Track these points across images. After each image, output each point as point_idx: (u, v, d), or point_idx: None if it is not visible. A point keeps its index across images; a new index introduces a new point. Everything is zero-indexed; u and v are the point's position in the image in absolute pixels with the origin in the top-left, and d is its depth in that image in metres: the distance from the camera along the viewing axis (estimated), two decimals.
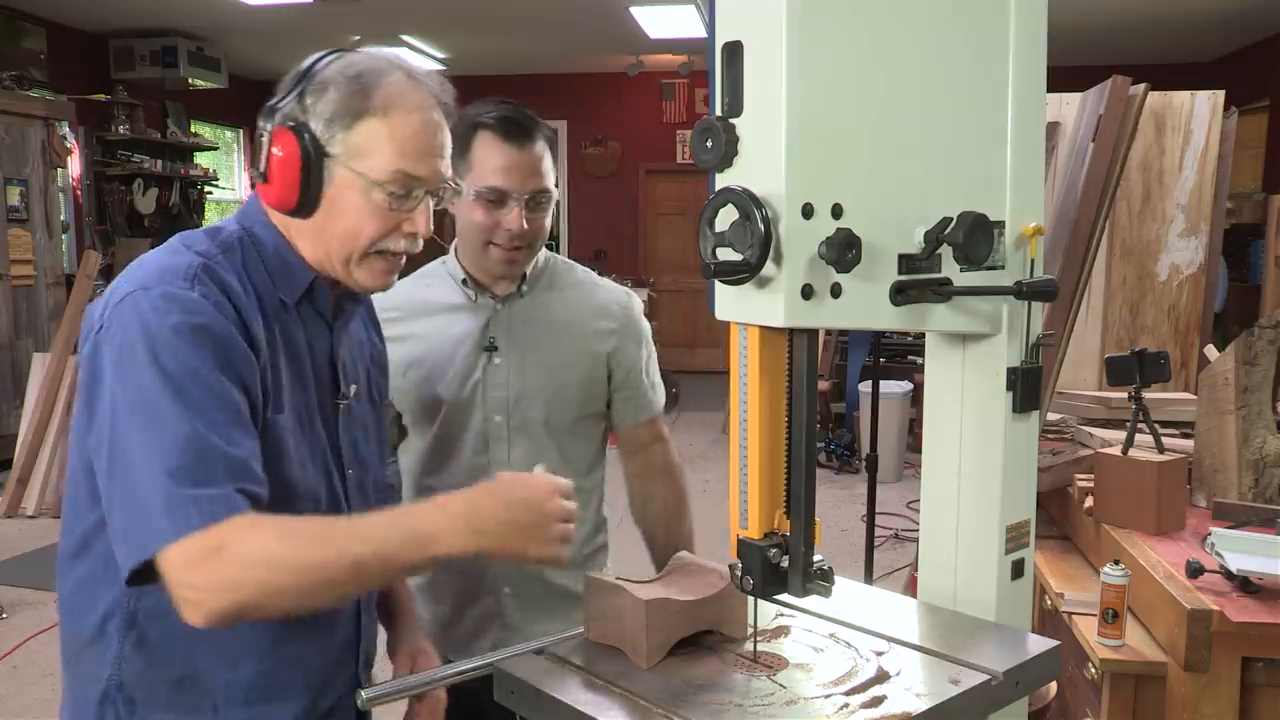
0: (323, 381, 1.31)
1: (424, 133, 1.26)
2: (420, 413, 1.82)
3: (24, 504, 5.84)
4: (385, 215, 1.24)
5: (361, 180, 1.23)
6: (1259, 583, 1.78)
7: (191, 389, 1.11)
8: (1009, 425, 1.26)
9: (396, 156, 1.23)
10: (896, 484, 6.40)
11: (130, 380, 1.12)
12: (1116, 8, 7.60)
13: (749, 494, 1.12)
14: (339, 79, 1.23)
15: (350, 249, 1.26)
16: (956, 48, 1.17)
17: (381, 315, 1.83)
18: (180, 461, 1.09)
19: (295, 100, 1.23)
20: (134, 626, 1.21)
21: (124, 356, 1.13)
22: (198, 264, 1.19)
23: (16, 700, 3.63)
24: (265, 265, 1.26)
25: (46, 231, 7.04)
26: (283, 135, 1.22)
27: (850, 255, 1.03)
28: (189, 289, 1.16)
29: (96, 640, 1.23)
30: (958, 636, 1.22)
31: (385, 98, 1.23)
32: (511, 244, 1.72)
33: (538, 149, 1.71)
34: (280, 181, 1.23)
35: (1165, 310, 3.08)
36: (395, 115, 1.23)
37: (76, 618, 1.25)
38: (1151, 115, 2.98)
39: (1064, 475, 2.45)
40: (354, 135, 1.22)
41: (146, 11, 8.09)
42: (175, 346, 1.12)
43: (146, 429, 1.10)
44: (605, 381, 1.84)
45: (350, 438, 1.35)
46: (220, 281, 1.19)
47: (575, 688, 1.13)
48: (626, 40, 9.07)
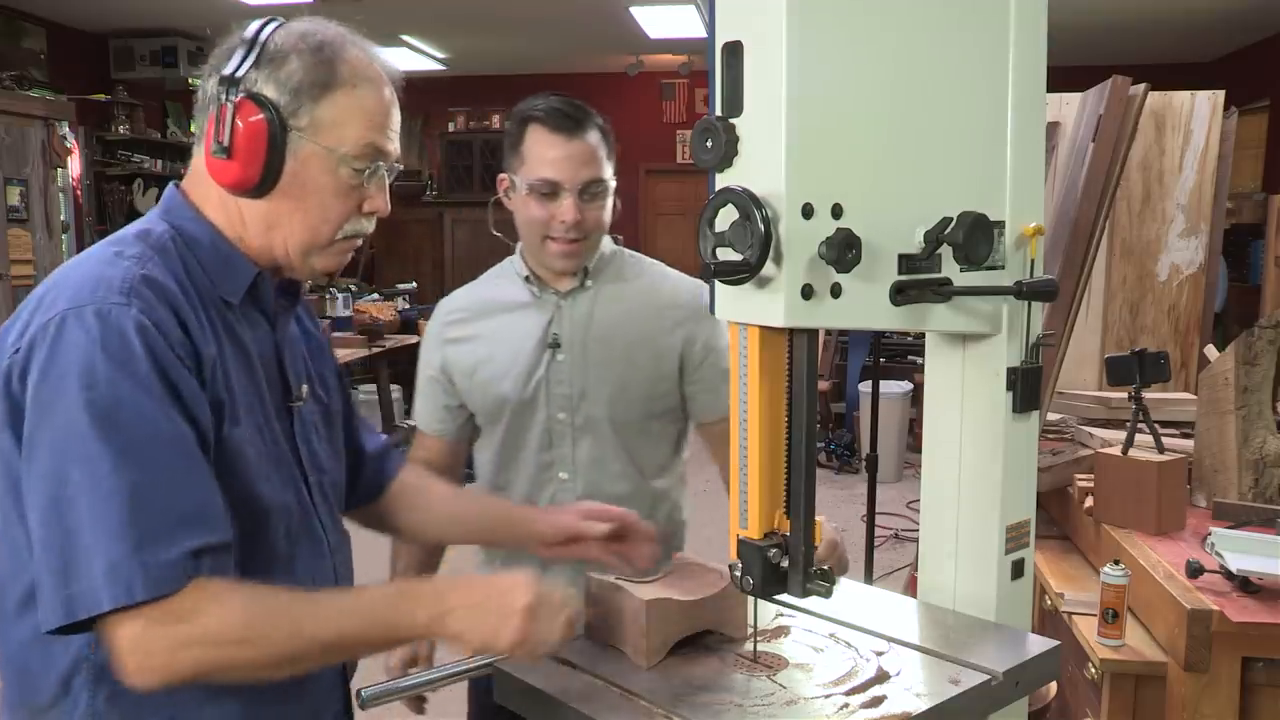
0: (272, 385, 1.23)
1: (385, 106, 1.20)
2: (490, 412, 1.82)
3: None
4: (350, 193, 1.18)
5: (329, 155, 1.16)
6: (1259, 583, 1.78)
7: (132, 431, 1.02)
8: (1009, 425, 1.26)
9: (366, 129, 1.17)
10: (896, 484, 6.41)
11: (63, 419, 1.02)
12: (1116, 8, 7.60)
13: (749, 494, 1.12)
14: (300, 48, 1.16)
15: (316, 236, 1.19)
16: (956, 48, 1.17)
17: (449, 317, 1.86)
18: (122, 517, 1.00)
19: (252, 69, 1.14)
20: (103, 680, 1.09)
21: (56, 389, 1.03)
22: (134, 274, 1.08)
23: None
24: (202, 264, 1.17)
25: (46, 231, 7.03)
26: (247, 107, 1.12)
27: (850, 255, 1.03)
28: (125, 304, 1.05)
29: (59, 701, 1.11)
30: (958, 636, 1.22)
31: (351, 69, 1.17)
32: (567, 235, 1.71)
33: (589, 139, 1.71)
34: (244, 157, 1.13)
35: (1165, 310, 3.08)
36: (363, 87, 1.17)
37: (29, 680, 1.13)
38: (1151, 115, 2.98)
39: (1064, 475, 2.45)
40: (322, 108, 1.15)
41: (146, 11, 8.08)
42: (112, 379, 1.02)
43: (84, 477, 1.01)
44: (676, 376, 1.81)
45: (306, 442, 1.28)
46: (159, 289, 1.09)
47: (575, 688, 1.13)
48: (626, 40, 9.07)
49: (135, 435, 1.02)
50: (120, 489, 1.00)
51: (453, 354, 1.83)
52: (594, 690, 1.13)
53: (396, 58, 5.29)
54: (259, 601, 1.07)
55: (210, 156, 1.15)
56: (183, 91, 9.55)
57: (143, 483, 1.01)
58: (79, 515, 1.00)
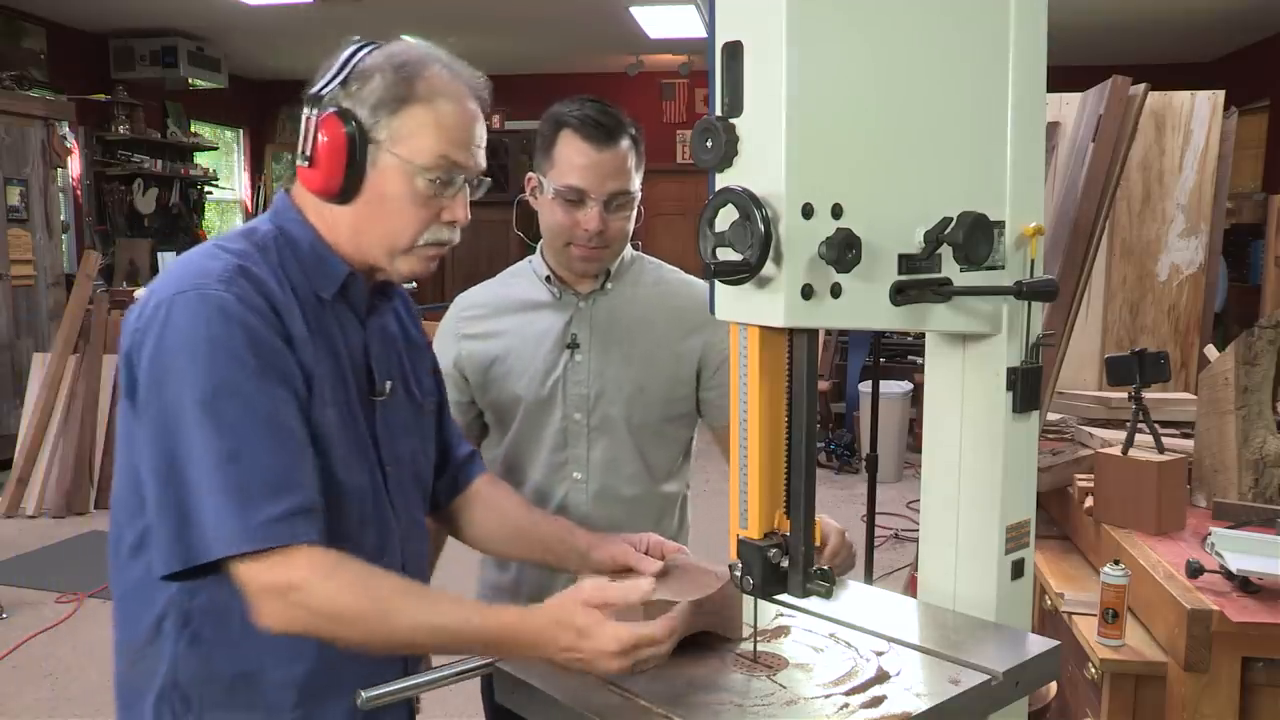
0: (359, 378, 1.32)
1: (465, 121, 1.27)
2: (503, 410, 1.82)
3: (24, 504, 5.84)
4: (427, 202, 1.26)
5: (406, 166, 1.24)
6: (1259, 583, 1.78)
7: (230, 402, 1.14)
8: (1009, 425, 1.26)
9: (441, 142, 1.24)
10: (896, 484, 6.41)
11: (173, 391, 1.14)
12: (1116, 8, 7.60)
13: (749, 494, 1.12)
14: (384, 67, 1.24)
15: (396, 241, 1.27)
16: (957, 48, 1.17)
17: (465, 313, 1.86)
18: (226, 479, 1.12)
19: (339, 87, 1.24)
20: (188, 624, 1.23)
21: (167, 364, 1.15)
22: (233, 265, 1.20)
23: (16, 700, 3.63)
24: (300, 262, 1.27)
25: (46, 231, 7.03)
26: (329, 120, 1.23)
27: (850, 255, 1.03)
28: (223, 291, 1.17)
29: (153, 640, 1.24)
30: (958, 636, 1.22)
31: (429, 85, 1.25)
32: (590, 244, 1.72)
33: (620, 149, 1.70)
34: (326, 167, 1.23)
35: (1165, 310, 3.08)
36: (439, 102, 1.25)
37: (132, 621, 1.27)
38: (1151, 115, 2.98)
39: (1064, 475, 2.45)
40: (399, 121, 1.24)
41: (146, 11, 8.08)
42: (212, 354, 1.14)
43: (193, 443, 1.13)
44: (693, 381, 1.82)
45: (388, 434, 1.35)
46: (255, 280, 1.20)
47: (575, 688, 1.13)
48: (626, 40, 9.07)
49: (233, 406, 1.14)
50: (219, 456, 1.13)
51: (469, 350, 1.83)
52: (594, 690, 1.13)
53: None
54: (366, 588, 1.16)
55: (299, 167, 1.27)
56: (183, 91, 9.56)
57: (241, 450, 1.13)
58: (189, 477, 1.13)
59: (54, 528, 5.60)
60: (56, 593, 4.55)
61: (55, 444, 5.93)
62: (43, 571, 4.89)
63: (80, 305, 6.17)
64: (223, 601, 1.20)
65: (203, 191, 10.19)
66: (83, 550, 5.20)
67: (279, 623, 1.14)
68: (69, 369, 6.07)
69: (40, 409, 6.00)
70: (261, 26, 8.46)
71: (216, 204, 10.75)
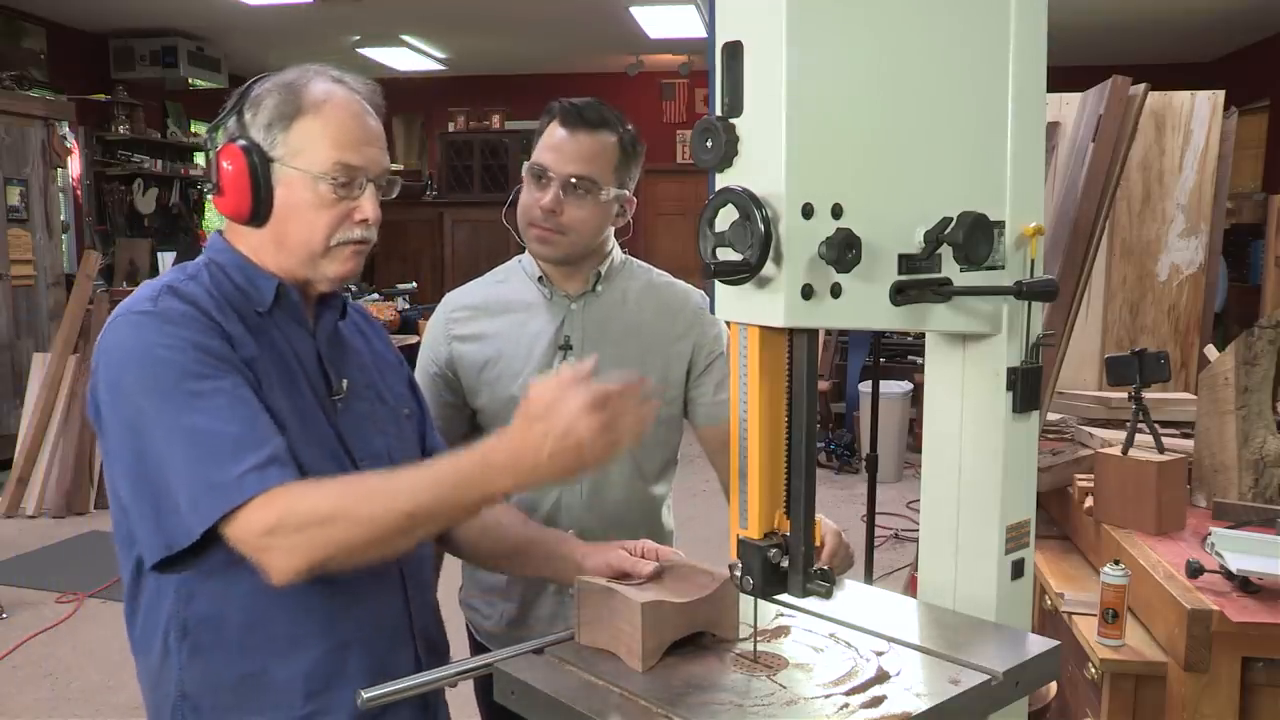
0: (314, 382, 1.36)
1: (354, 125, 1.33)
2: (495, 411, 1.82)
3: (24, 504, 5.85)
4: (333, 205, 1.31)
5: (305, 176, 1.30)
6: (1259, 583, 1.78)
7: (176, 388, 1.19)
8: (1009, 425, 1.26)
9: (333, 147, 1.30)
10: (896, 484, 6.41)
11: (123, 399, 1.21)
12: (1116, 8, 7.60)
13: (749, 494, 1.12)
14: (271, 89, 1.33)
15: (311, 246, 1.32)
16: (957, 48, 1.17)
17: (454, 314, 1.86)
18: (188, 456, 1.17)
19: (235, 118, 1.33)
20: (187, 635, 1.26)
21: (116, 377, 1.23)
22: (160, 286, 1.29)
23: (16, 700, 3.63)
24: (233, 283, 1.34)
25: (46, 231, 7.04)
26: (228, 150, 1.30)
27: (850, 255, 1.03)
28: (152, 306, 1.25)
29: (163, 659, 1.28)
30: (958, 636, 1.22)
31: (313, 97, 1.31)
32: (545, 223, 1.73)
33: (596, 138, 1.73)
34: (233, 193, 1.30)
35: (1165, 310, 3.08)
36: (325, 111, 1.31)
37: (147, 648, 1.31)
38: (1151, 115, 2.98)
39: (1064, 475, 2.45)
40: (291, 136, 1.30)
41: (146, 11, 8.09)
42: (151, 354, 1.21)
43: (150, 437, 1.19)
44: (682, 383, 1.84)
45: (355, 430, 1.38)
46: (184, 295, 1.27)
47: (575, 688, 1.13)
48: (626, 40, 9.07)
49: (182, 390, 1.19)
50: (180, 435, 1.18)
51: (460, 351, 1.83)
52: (594, 690, 1.13)
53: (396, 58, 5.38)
54: (342, 485, 1.20)
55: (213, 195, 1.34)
56: (183, 91, 9.56)
57: (196, 425, 1.18)
58: (156, 468, 1.19)
59: (54, 528, 5.60)
60: (56, 593, 4.55)
61: (55, 444, 5.93)
62: (43, 571, 4.89)
63: (80, 305, 6.17)
64: (217, 608, 1.25)
65: (203, 191, 10.17)
66: (83, 550, 5.20)
67: (288, 562, 1.15)
68: (69, 369, 6.07)
69: (40, 409, 6.00)
70: (261, 26, 8.46)
71: None
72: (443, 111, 10.79)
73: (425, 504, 1.17)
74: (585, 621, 1.24)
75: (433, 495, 1.17)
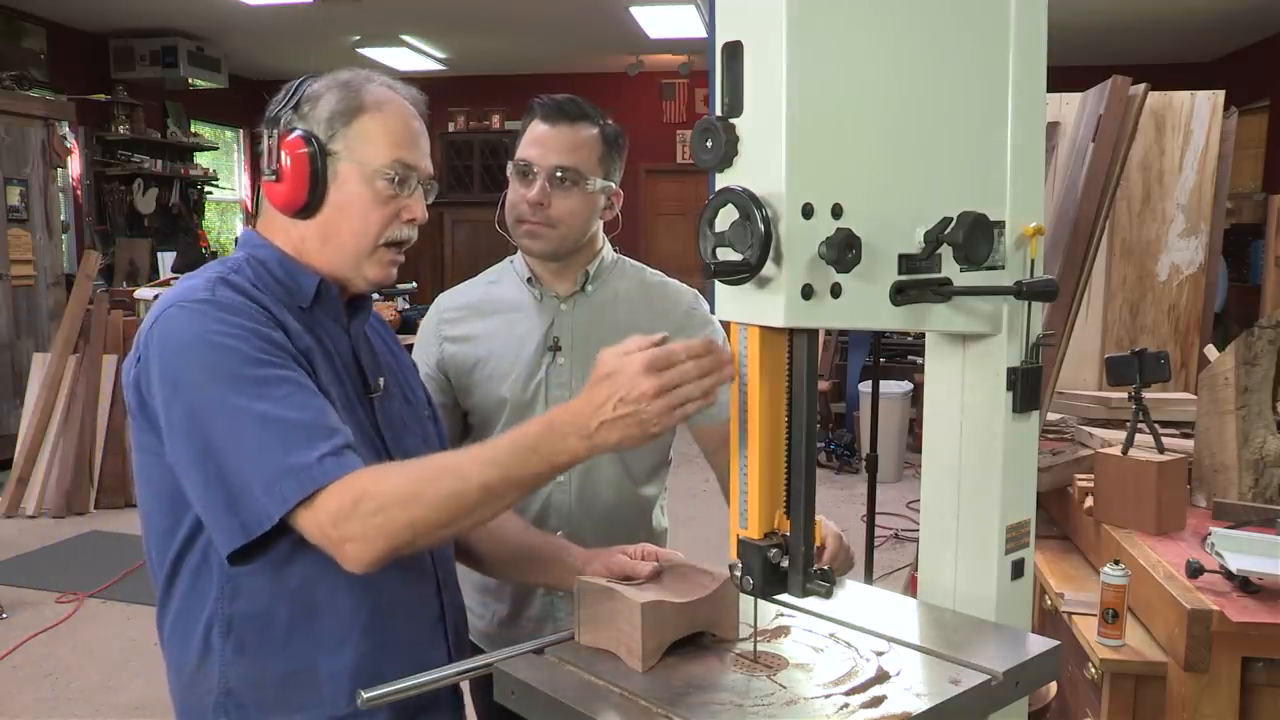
0: (352, 378, 1.37)
1: (410, 126, 1.36)
2: (486, 412, 1.83)
3: (24, 504, 5.85)
4: (387, 202, 1.33)
5: (363, 170, 1.32)
6: (1259, 583, 1.78)
7: (244, 375, 1.19)
8: (1009, 425, 1.26)
9: (393, 146, 1.33)
10: (896, 484, 6.41)
11: (188, 388, 1.20)
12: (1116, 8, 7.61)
13: (749, 494, 1.12)
14: (331, 86, 1.34)
15: (361, 242, 1.34)
16: (957, 48, 1.17)
17: (446, 315, 1.87)
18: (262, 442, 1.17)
19: (292, 111, 1.34)
20: (232, 631, 1.27)
21: (175, 369, 1.21)
22: (213, 277, 1.28)
23: (16, 700, 3.63)
24: (274, 278, 1.34)
25: (46, 231, 7.04)
26: (289, 139, 1.32)
27: (850, 255, 1.03)
28: (210, 296, 1.25)
29: (204, 657, 1.28)
30: (958, 636, 1.22)
31: (374, 97, 1.34)
32: (532, 216, 1.74)
33: (577, 130, 1.74)
34: (291, 182, 1.31)
35: (1165, 310, 3.08)
36: (387, 110, 1.35)
37: (183, 646, 1.30)
38: (1151, 115, 2.98)
39: (1064, 475, 2.45)
40: (352, 130, 1.32)
41: (146, 11, 8.09)
42: (214, 344, 1.20)
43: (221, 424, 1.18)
44: None
45: (391, 429, 1.40)
46: (237, 286, 1.28)
47: (575, 688, 1.13)
48: (626, 40, 9.07)
49: (250, 380, 1.19)
50: (252, 422, 1.18)
51: (451, 352, 1.84)
52: (594, 690, 1.13)
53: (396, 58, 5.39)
54: (415, 466, 1.22)
55: (265, 184, 1.35)
56: (183, 91, 9.56)
57: (268, 412, 1.18)
58: (228, 455, 1.18)
59: (54, 528, 5.60)
60: (56, 593, 4.55)
61: (55, 444, 5.93)
62: (43, 571, 4.90)
63: (80, 305, 6.17)
64: (264, 604, 1.25)
65: (203, 191, 10.20)
66: (83, 550, 5.20)
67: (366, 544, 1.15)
68: (69, 369, 6.07)
69: (40, 409, 6.00)
70: (261, 26, 8.46)
71: (216, 204, 10.76)
72: (443, 111, 10.79)
73: (497, 475, 1.17)
74: (585, 621, 1.24)
75: (503, 466, 1.17)
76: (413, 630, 1.37)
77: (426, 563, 1.39)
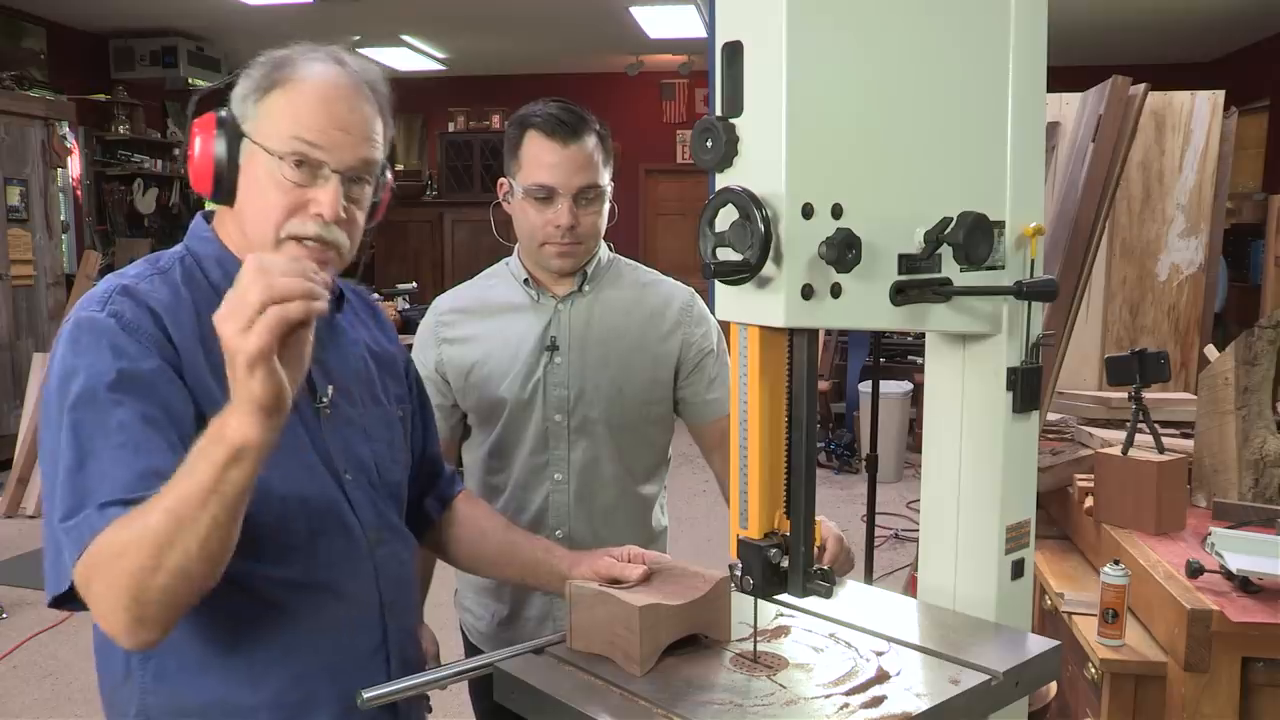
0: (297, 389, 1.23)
1: (329, 106, 1.21)
2: (484, 412, 1.83)
3: (24, 504, 5.85)
4: (288, 190, 1.20)
5: (265, 154, 1.20)
6: (1259, 583, 1.78)
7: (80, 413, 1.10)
8: (1009, 425, 1.26)
9: (294, 125, 1.20)
10: (896, 484, 6.41)
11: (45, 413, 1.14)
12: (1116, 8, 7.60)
13: (749, 494, 1.12)
14: (263, 62, 1.24)
15: (259, 233, 1.21)
16: (957, 48, 1.17)
17: (443, 317, 1.88)
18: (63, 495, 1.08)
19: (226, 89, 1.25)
20: (150, 658, 1.21)
21: (48, 388, 1.15)
22: (116, 285, 1.19)
23: (16, 700, 3.63)
24: (207, 277, 1.25)
25: (46, 231, 7.04)
26: (201, 121, 1.22)
27: (850, 255, 1.03)
28: (98, 311, 1.15)
29: (126, 679, 1.24)
30: (958, 636, 1.22)
31: (295, 72, 1.22)
32: (563, 239, 1.74)
33: (586, 145, 1.73)
34: (199, 165, 1.22)
35: (1165, 310, 3.08)
36: (298, 86, 1.21)
37: (108, 660, 1.27)
38: (1151, 115, 2.98)
39: (1064, 475, 2.45)
40: (261, 108, 1.21)
41: (146, 11, 8.09)
42: (71, 372, 1.12)
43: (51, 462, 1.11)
44: (670, 382, 1.84)
45: (341, 441, 1.30)
46: (137, 296, 1.17)
47: (575, 688, 1.13)
48: (626, 40, 9.07)
49: (83, 418, 1.10)
50: (66, 475, 1.08)
51: (449, 353, 1.84)
52: (594, 690, 1.13)
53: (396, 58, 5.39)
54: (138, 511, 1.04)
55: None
56: (183, 91, 9.55)
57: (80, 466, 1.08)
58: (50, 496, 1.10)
59: None
60: None
61: None
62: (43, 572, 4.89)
63: None
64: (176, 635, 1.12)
65: None
66: None
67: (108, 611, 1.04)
68: None
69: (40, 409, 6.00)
70: (261, 26, 8.46)
71: None
72: (443, 111, 10.78)
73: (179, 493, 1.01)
74: (578, 626, 1.23)
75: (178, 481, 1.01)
76: (343, 659, 1.27)
77: (371, 596, 1.30)
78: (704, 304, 1.89)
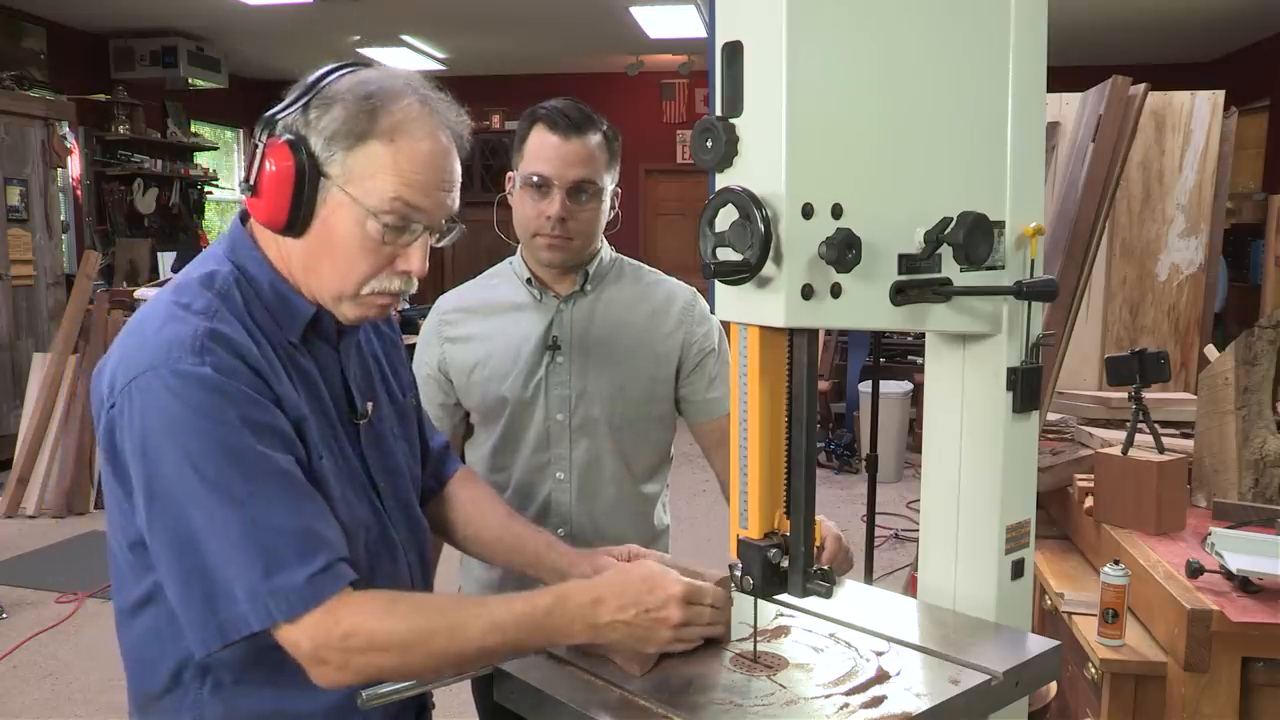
0: (339, 406, 1.27)
1: (431, 163, 1.17)
2: (486, 411, 1.84)
3: (24, 504, 5.84)
4: (378, 249, 1.17)
5: (357, 207, 1.15)
6: (1259, 583, 1.78)
7: (235, 474, 1.09)
8: (1009, 425, 1.26)
9: (398, 185, 1.15)
10: (896, 484, 6.40)
11: (169, 472, 1.09)
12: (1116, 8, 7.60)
13: (749, 494, 1.12)
14: (348, 96, 1.15)
15: (339, 286, 1.19)
16: (956, 48, 1.17)
17: (446, 316, 1.88)
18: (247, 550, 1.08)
19: (299, 112, 1.16)
20: (209, 674, 1.20)
21: (155, 446, 1.09)
22: (202, 329, 1.12)
23: (16, 700, 3.63)
24: (264, 304, 1.21)
25: (46, 231, 7.04)
26: (277, 148, 1.15)
27: (850, 255, 1.03)
28: (200, 364, 1.10)
29: (170, 691, 1.22)
30: (958, 636, 1.22)
31: (393, 120, 1.15)
32: (554, 231, 1.74)
33: (587, 141, 1.74)
34: (270, 198, 1.15)
35: (1165, 310, 3.08)
36: (403, 140, 1.15)
37: (145, 670, 1.25)
38: (1151, 115, 2.98)
39: (1064, 475, 2.45)
40: (354, 157, 1.14)
41: (146, 11, 8.08)
42: (201, 430, 1.09)
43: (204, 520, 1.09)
44: (671, 381, 1.84)
45: (376, 452, 1.32)
46: (228, 343, 1.13)
47: (575, 688, 1.13)
48: (626, 40, 9.07)
49: (239, 475, 1.09)
50: (236, 527, 1.09)
51: (451, 353, 1.85)
52: (594, 690, 1.13)
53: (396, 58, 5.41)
54: (423, 611, 1.15)
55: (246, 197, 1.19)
56: (183, 91, 9.56)
57: (257, 519, 1.09)
58: (211, 554, 1.09)
59: (54, 528, 5.60)
60: (56, 593, 4.54)
61: (55, 444, 5.93)
62: (43, 571, 4.89)
63: (80, 305, 6.17)
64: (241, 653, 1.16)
65: (203, 191, 10.20)
66: (83, 550, 5.20)
67: (342, 674, 1.11)
68: (69, 369, 6.07)
69: (40, 409, 6.00)
70: (261, 26, 8.46)
71: (216, 204, 10.75)
72: None
73: (498, 641, 1.14)
74: None
75: (505, 633, 1.14)
76: None
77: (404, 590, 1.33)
78: (706, 303, 1.89)
